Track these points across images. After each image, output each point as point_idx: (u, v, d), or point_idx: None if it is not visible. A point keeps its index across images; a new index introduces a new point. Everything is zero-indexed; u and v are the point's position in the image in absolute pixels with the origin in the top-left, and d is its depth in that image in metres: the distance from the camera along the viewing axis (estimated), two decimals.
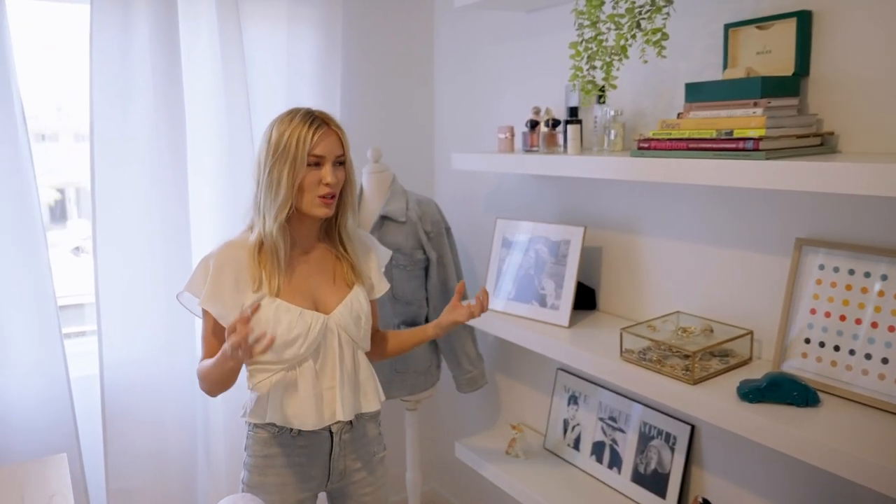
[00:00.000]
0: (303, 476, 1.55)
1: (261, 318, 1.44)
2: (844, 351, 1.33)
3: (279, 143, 1.43)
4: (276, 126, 1.46)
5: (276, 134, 1.44)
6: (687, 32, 1.58)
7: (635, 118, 1.78)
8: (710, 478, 1.68)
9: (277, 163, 1.43)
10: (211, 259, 1.48)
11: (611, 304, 1.93)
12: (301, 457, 1.54)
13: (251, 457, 1.55)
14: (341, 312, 1.52)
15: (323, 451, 1.55)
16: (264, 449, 1.53)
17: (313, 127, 1.44)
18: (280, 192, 1.43)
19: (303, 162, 1.42)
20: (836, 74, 1.35)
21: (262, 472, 1.53)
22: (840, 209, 1.37)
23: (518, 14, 2.15)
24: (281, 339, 1.44)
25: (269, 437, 1.52)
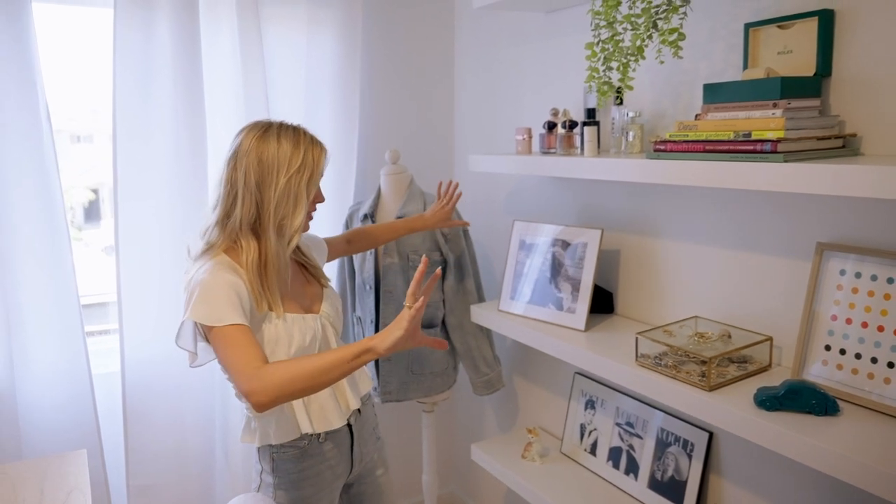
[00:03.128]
0: (334, 475, 1.57)
1: (271, 337, 1.43)
2: (866, 359, 1.30)
3: (294, 155, 1.40)
4: (283, 136, 1.41)
5: (288, 145, 1.40)
6: (707, 32, 1.56)
7: (655, 120, 1.75)
8: (729, 486, 1.65)
9: (296, 176, 1.39)
10: (212, 286, 1.35)
11: (628, 308, 1.91)
12: (330, 459, 1.55)
13: (281, 476, 1.50)
14: (327, 309, 1.56)
15: (346, 446, 1.58)
16: (298, 465, 1.51)
17: (321, 149, 1.46)
18: (299, 206, 1.40)
19: (318, 178, 1.44)
20: (859, 75, 1.32)
21: (298, 487, 1.51)
22: (863, 213, 1.33)
23: (537, 15, 2.13)
24: (300, 348, 1.45)
25: (299, 451, 1.51)
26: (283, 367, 1.27)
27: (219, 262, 1.40)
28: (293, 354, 1.44)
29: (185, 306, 1.37)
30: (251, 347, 1.30)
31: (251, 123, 1.47)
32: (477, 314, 2.10)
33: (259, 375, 1.25)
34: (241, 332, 1.31)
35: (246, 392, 1.25)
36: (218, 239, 1.44)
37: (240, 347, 1.29)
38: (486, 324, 2.07)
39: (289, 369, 1.26)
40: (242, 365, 1.27)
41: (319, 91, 2.30)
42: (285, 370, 1.26)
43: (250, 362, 1.27)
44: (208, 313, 1.32)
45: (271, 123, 1.45)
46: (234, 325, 1.31)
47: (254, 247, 1.42)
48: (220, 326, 1.31)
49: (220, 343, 1.32)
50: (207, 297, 1.34)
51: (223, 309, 1.32)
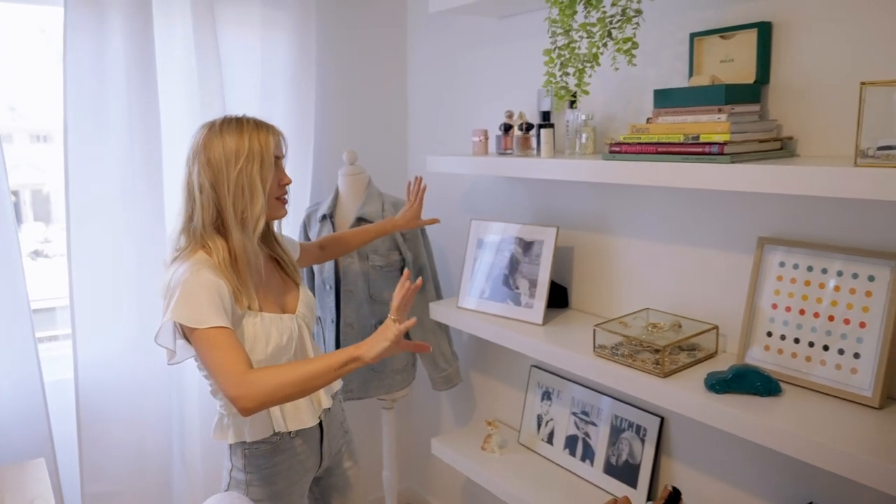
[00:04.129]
0: (304, 469, 1.59)
1: (248, 335, 1.43)
2: (804, 343, 1.41)
3: (240, 146, 1.39)
4: (221, 132, 1.41)
5: (232, 139, 1.40)
6: (655, 41, 1.65)
7: (606, 122, 1.84)
8: (679, 467, 1.75)
9: (245, 165, 1.39)
10: (193, 288, 1.35)
11: (582, 302, 2.00)
12: (301, 454, 1.57)
13: (253, 472, 1.51)
14: (302, 308, 1.58)
15: (315, 441, 1.60)
16: (270, 460, 1.53)
17: (266, 130, 1.45)
18: (256, 195, 1.40)
19: (270, 162, 1.42)
20: (794, 83, 1.43)
21: (270, 482, 1.53)
22: (798, 209, 1.45)
23: (491, 20, 2.20)
24: (277, 347, 1.46)
25: (271, 447, 1.53)
26: (271, 374, 1.30)
27: (197, 260, 1.40)
28: (270, 353, 1.45)
29: (165, 305, 1.37)
30: (235, 351, 1.30)
31: (202, 124, 1.48)
32: (436, 311, 2.15)
33: (247, 382, 1.27)
34: (225, 335, 1.32)
35: (233, 397, 1.27)
36: (187, 244, 1.44)
37: (224, 351, 1.30)
38: (446, 321, 2.12)
39: (276, 377, 1.29)
40: (228, 370, 1.28)
41: (274, 92, 2.30)
42: (273, 378, 1.28)
43: (236, 367, 1.28)
44: (190, 314, 1.32)
45: (215, 121, 1.46)
46: (218, 328, 1.32)
47: (222, 245, 1.42)
48: (203, 329, 1.31)
49: (202, 345, 1.32)
50: (189, 297, 1.34)
51: (205, 310, 1.32)
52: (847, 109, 1.34)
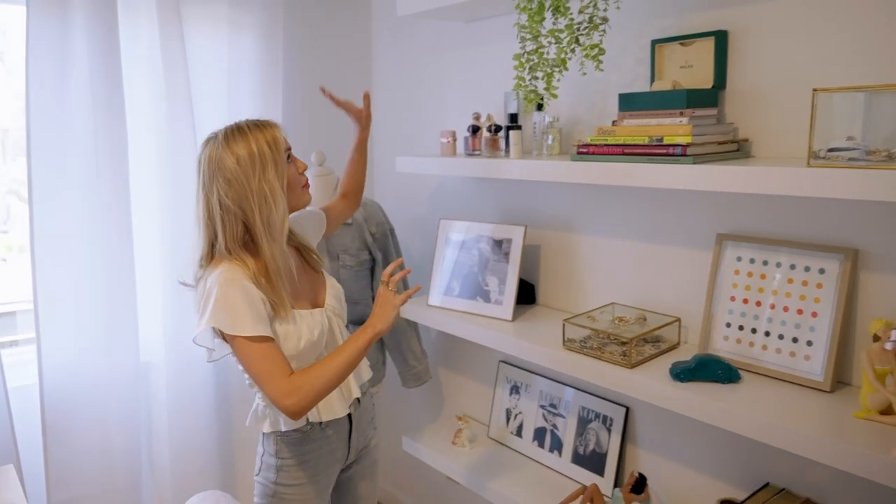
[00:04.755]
0: (332, 460, 1.61)
1: (289, 333, 1.45)
2: (760, 333, 1.50)
3: (251, 155, 1.39)
4: (228, 147, 1.40)
5: (243, 150, 1.39)
6: (618, 47, 1.73)
7: (571, 124, 1.91)
8: (644, 454, 1.83)
9: (261, 174, 1.39)
10: (232, 296, 1.36)
11: (549, 298, 2.06)
12: (330, 444, 1.59)
13: (285, 458, 1.55)
14: (331, 301, 1.59)
15: (345, 432, 1.62)
16: (301, 448, 1.55)
17: (269, 127, 1.44)
18: (278, 201, 1.40)
19: (283, 161, 1.42)
20: (749, 88, 1.52)
21: (300, 470, 1.55)
22: (754, 207, 1.54)
23: (457, 23, 2.25)
24: (310, 343, 1.48)
25: (303, 436, 1.55)
26: (314, 376, 1.37)
27: (228, 267, 1.40)
28: (301, 348, 1.47)
29: (201, 310, 1.40)
30: (278, 360, 1.37)
31: (204, 143, 1.45)
32: (406, 309, 2.17)
33: (295, 390, 1.34)
34: (266, 345, 1.37)
35: (283, 407, 1.35)
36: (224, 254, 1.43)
37: (267, 361, 1.36)
38: (416, 318, 2.16)
39: (319, 378, 1.37)
40: (275, 381, 1.35)
41: (241, 93, 2.31)
42: (316, 379, 1.37)
43: (282, 378, 1.35)
44: (228, 321, 1.35)
45: (217, 136, 1.43)
46: (258, 338, 1.36)
47: (251, 262, 1.42)
48: (243, 337, 1.35)
49: (243, 353, 1.37)
50: (225, 303, 1.36)
51: (244, 318, 1.36)
52: (798, 113, 1.43)
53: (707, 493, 1.68)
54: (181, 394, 2.23)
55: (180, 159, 2.15)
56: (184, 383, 2.24)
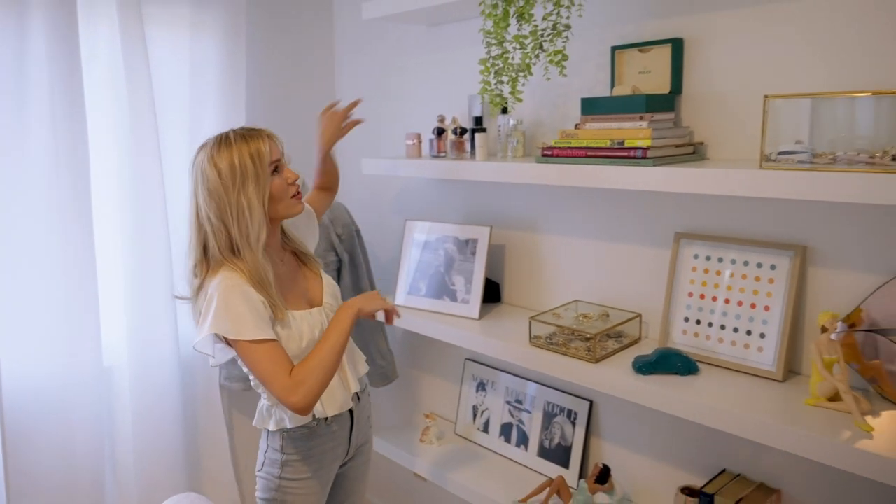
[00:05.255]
0: (333, 456, 1.64)
1: (291, 335, 1.48)
2: (716, 326, 1.58)
3: (233, 169, 1.42)
4: (217, 158, 1.43)
5: (224, 163, 1.42)
6: (580, 52, 1.78)
7: (534, 127, 1.96)
8: (608, 446, 1.90)
9: (241, 188, 1.42)
10: (233, 301, 1.40)
11: (514, 297, 2.11)
12: (333, 440, 1.62)
13: (290, 454, 1.58)
14: (328, 299, 1.62)
15: (346, 429, 1.65)
16: (306, 444, 1.59)
17: (256, 139, 1.46)
18: (254, 215, 1.43)
19: (266, 174, 1.44)
20: (704, 93, 1.60)
21: (304, 465, 1.58)
22: (710, 207, 1.61)
23: (420, 27, 2.28)
24: (309, 342, 1.51)
25: (308, 432, 1.58)
26: (312, 366, 1.41)
27: (226, 275, 1.43)
28: (304, 348, 1.50)
29: (202, 316, 1.43)
30: (280, 360, 1.40)
31: (198, 149, 1.48)
32: None
33: (297, 385, 1.38)
34: (269, 346, 1.40)
35: (289, 405, 1.39)
36: (206, 270, 1.47)
37: (271, 361, 1.39)
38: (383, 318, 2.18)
39: (317, 366, 1.41)
40: (278, 381, 1.38)
41: (204, 95, 2.29)
42: (315, 368, 1.41)
43: (284, 377, 1.38)
44: (230, 327, 1.38)
45: (207, 145, 1.47)
46: (261, 340, 1.39)
47: (242, 266, 1.45)
48: (245, 341, 1.39)
49: (248, 356, 1.40)
50: (227, 309, 1.39)
51: (245, 323, 1.39)
52: (749, 118, 1.51)
53: (668, 480, 1.75)
54: (145, 398, 2.21)
55: (142, 160, 2.12)
56: (148, 388, 2.21)
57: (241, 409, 2.56)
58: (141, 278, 2.15)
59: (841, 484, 1.45)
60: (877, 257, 1.37)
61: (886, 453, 1.16)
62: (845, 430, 1.24)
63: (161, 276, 2.18)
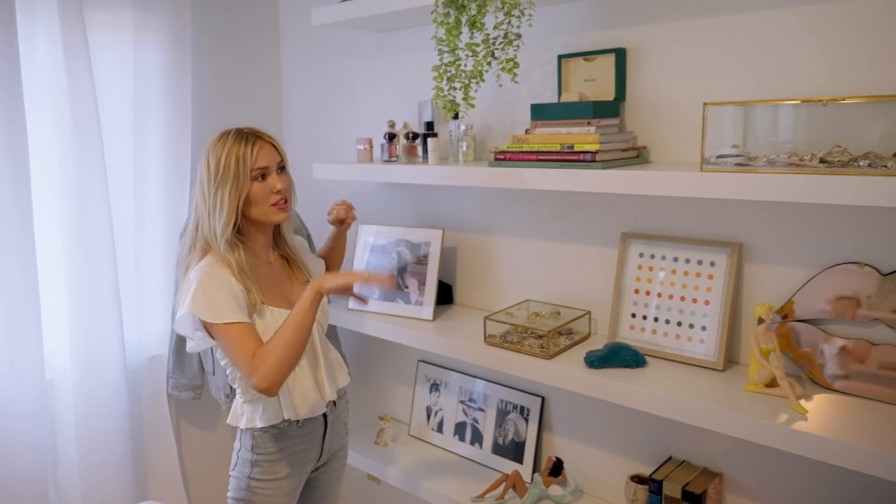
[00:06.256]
0: (305, 460, 1.65)
1: (267, 327, 1.51)
2: (661, 321, 1.67)
3: (218, 167, 1.50)
4: (212, 152, 1.52)
5: (214, 159, 1.51)
6: (527, 60, 1.85)
7: (483, 132, 2.02)
8: (560, 440, 1.96)
9: (220, 186, 1.50)
10: (210, 286, 1.46)
11: (466, 298, 2.16)
12: (304, 443, 1.63)
13: (260, 455, 1.59)
14: None
15: (319, 433, 1.66)
16: (276, 444, 1.60)
17: (249, 143, 1.53)
18: (223, 212, 1.50)
19: (246, 178, 1.51)
20: (646, 99, 1.69)
21: (274, 466, 1.60)
22: (654, 207, 1.70)
23: (369, 33, 2.31)
24: None
25: (279, 432, 1.59)
26: (271, 345, 1.44)
27: (210, 260, 1.50)
28: None
29: (182, 298, 1.49)
30: (249, 343, 1.44)
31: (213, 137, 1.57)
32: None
33: (258, 365, 1.42)
34: (243, 329, 1.45)
35: (254, 384, 1.42)
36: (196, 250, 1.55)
37: (240, 345, 1.44)
38: (337, 322, 2.19)
39: (276, 345, 1.44)
40: (245, 362, 1.43)
41: (149, 97, 2.25)
42: (274, 347, 1.44)
43: (249, 358, 1.43)
44: (207, 310, 1.44)
45: (213, 138, 1.55)
46: (236, 324, 1.45)
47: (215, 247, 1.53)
48: (221, 324, 1.44)
49: (222, 339, 1.46)
50: (206, 293, 1.45)
51: (221, 306, 1.45)
52: (689, 123, 1.60)
53: (618, 470, 1.83)
54: (90, 411, 2.14)
55: (85, 164, 2.06)
56: (92, 400, 2.14)
57: (190, 419, 2.52)
58: (84, 286, 2.09)
59: (777, 464, 1.56)
60: (806, 253, 1.48)
61: (820, 433, 1.26)
62: (782, 413, 1.34)
63: (106, 282, 2.12)
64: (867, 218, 1.40)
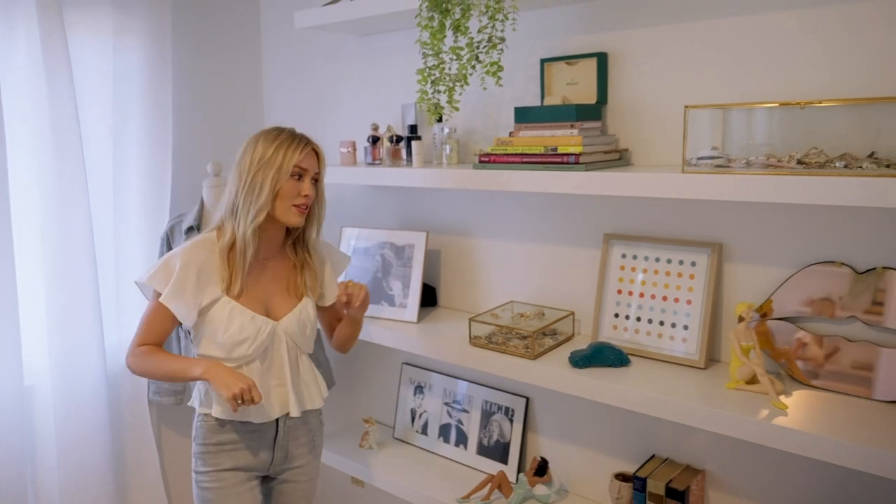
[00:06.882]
0: (254, 457, 1.64)
1: (214, 318, 1.54)
2: (644, 321, 1.69)
3: (265, 153, 1.57)
4: (263, 139, 1.60)
5: (263, 146, 1.58)
6: (510, 64, 1.87)
7: (467, 135, 2.03)
8: (544, 440, 1.98)
9: (262, 170, 1.57)
10: (177, 258, 1.56)
11: (450, 300, 2.17)
12: (251, 441, 1.64)
13: (202, 445, 1.62)
14: (289, 320, 1.64)
15: (269, 437, 1.66)
16: (216, 436, 1.62)
17: (301, 143, 1.61)
18: (261, 197, 1.56)
19: (287, 171, 1.58)
20: (627, 103, 1.71)
21: (215, 457, 1.61)
22: (636, 208, 1.73)
23: (352, 37, 2.31)
24: (231, 339, 1.56)
25: (219, 425, 1.61)
26: (148, 361, 1.57)
27: (200, 239, 1.61)
28: (222, 342, 1.56)
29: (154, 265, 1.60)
30: (154, 327, 1.58)
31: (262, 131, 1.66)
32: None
33: (134, 357, 1.58)
34: (163, 313, 1.55)
35: (126, 357, 1.60)
36: (219, 219, 1.64)
37: (147, 324, 1.58)
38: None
39: (148, 366, 1.57)
40: (137, 338, 1.59)
41: (128, 101, 2.23)
42: (147, 364, 1.57)
43: (140, 339, 1.58)
44: (154, 274, 1.56)
45: (262, 130, 1.64)
46: (162, 303, 1.54)
47: (231, 230, 1.60)
48: (157, 292, 1.55)
49: (149, 305, 1.59)
50: (160, 267, 1.56)
51: (165, 278, 1.55)
52: (669, 126, 1.63)
53: (602, 468, 1.85)
54: (70, 418, 2.11)
55: (65, 168, 2.04)
56: (72, 406, 2.12)
57: (171, 425, 2.49)
58: (64, 291, 2.07)
59: (757, 459, 1.59)
60: (784, 252, 1.52)
61: (799, 427, 1.29)
62: (763, 409, 1.37)
63: (85, 286, 2.10)
64: (843, 218, 1.44)
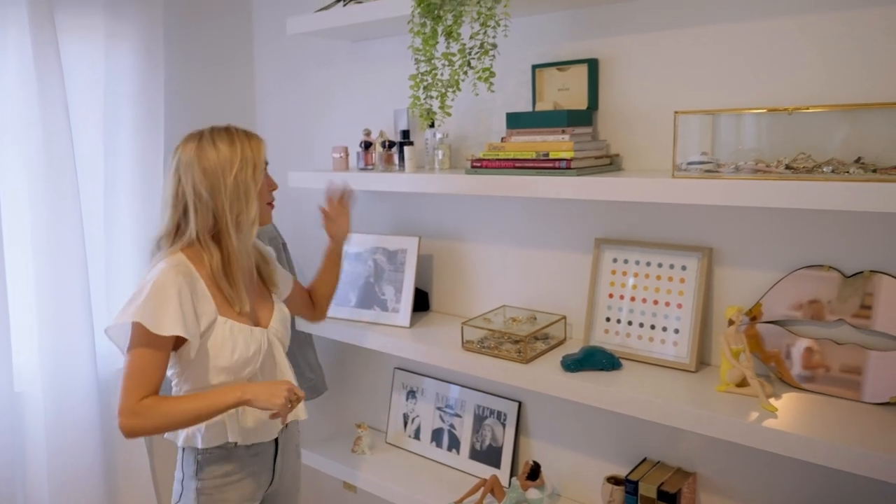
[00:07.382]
0: (257, 483, 1.58)
1: (216, 342, 1.45)
2: (635, 324, 1.70)
3: (233, 154, 1.45)
4: (211, 141, 1.46)
5: (224, 147, 1.45)
6: (502, 69, 1.88)
7: (458, 141, 2.04)
8: (537, 444, 1.99)
9: (240, 172, 1.44)
10: (167, 287, 1.38)
11: (443, 305, 2.18)
12: (255, 465, 1.57)
13: (206, 480, 1.50)
14: (276, 324, 1.60)
15: (269, 456, 1.61)
16: (222, 467, 1.52)
17: (256, 137, 1.51)
18: (249, 201, 1.46)
19: (262, 167, 1.48)
20: (618, 108, 1.73)
21: (222, 491, 1.52)
22: (627, 213, 1.74)
23: (344, 42, 2.32)
24: (242, 358, 1.47)
25: (225, 454, 1.51)
26: (162, 412, 1.36)
27: (176, 265, 1.42)
28: (234, 361, 1.47)
29: (128, 303, 1.39)
30: (149, 376, 1.36)
31: (185, 137, 1.50)
32: (303, 322, 2.20)
33: (136, 414, 1.34)
34: (156, 355, 1.37)
35: (119, 422, 1.34)
36: (182, 243, 1.46)
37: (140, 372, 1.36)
38: (314, 330, 2.19)
39: (167, 415, 1.36)
40: (130, 392, 1.34)
41: (120, 105, 2.22)
42: (163, 416, 1.36)
43: (136, 393, 1.34)
44: (151, 319, 1.36)
45: (203, 132, 1.50)
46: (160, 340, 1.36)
47: (216, 252, 1.46)
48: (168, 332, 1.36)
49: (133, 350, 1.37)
50: (157, 300, 1.37)
51: (164, 318, 1.36)
52: (659, 131, 1.65)
53: (594, 472, 1.86)
54: (60, 425, 2.10)
55: (55, 172, 2.04)
56: (63, 413, 2.10)
57: None
58: (54, 296, 2.06)
59: (748, 462, 1.60)
60: (773, 257, 1.53)
61: (789, 429, 1.30)
62: (753, 411, 1.38)
63: (76, 292, 2.09)
64: (831, 222, 1.45)
